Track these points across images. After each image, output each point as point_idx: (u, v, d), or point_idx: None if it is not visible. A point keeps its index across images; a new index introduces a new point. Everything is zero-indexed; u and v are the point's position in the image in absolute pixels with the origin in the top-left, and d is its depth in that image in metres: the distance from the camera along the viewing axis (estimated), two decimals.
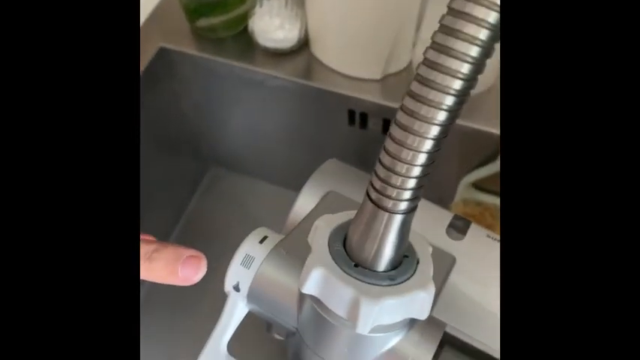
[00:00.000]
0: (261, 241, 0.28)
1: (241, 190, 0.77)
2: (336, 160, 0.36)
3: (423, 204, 0.33)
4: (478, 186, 0.58)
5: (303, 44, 0.58)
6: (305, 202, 0.33)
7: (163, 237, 0.73)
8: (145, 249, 0.27)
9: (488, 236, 0.31)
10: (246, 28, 0.58)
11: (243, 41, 0.59)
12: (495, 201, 0.58)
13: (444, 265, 0.29)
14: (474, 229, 0.31)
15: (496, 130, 0.53)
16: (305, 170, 0.35)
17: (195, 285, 0.28)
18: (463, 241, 0.30)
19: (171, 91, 0.65)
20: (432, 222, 0.31)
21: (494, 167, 0.55)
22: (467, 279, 0.29)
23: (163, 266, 0.27)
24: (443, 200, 0.60)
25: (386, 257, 0.23)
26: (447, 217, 0.32)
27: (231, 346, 0.28)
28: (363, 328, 0.23)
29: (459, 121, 0.54)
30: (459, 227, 0.31)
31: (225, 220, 0.74)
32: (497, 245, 0.31)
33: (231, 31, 0.59)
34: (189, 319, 0.63)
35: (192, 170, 0.78)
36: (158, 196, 0.67)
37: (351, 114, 0.58)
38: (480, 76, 0.19)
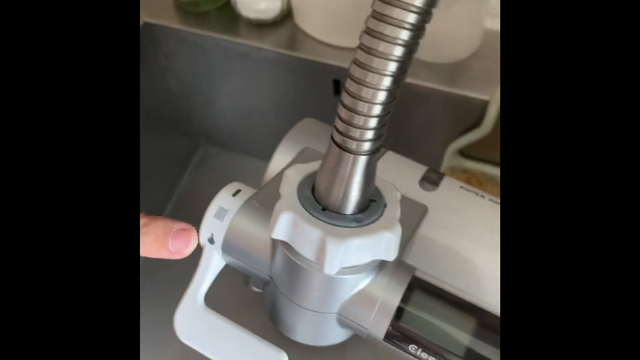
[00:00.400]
0: (235, 194, 0.29)
1: (231, 166, 0.77)
2: (312, 119, 0.36)
3: (397, 158, 0.33)
4: (464, 153, 0.58)
5: (287, 14, 0.58)
6: (281, 159, 0.33)
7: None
8: None
9: (461, 187, 0.31)
10: (228, 2, 0.58)
11: (226, 14, 0.59)
12: (482, 167, 0.58)
13: (416, 213, 0.29)
14: (448, 181, 0.31)
15: (480, 96, 0.54)
16: None
17: (188, 259, 0.27)
18: (436, 192, 0.31)
19: (157, 67, 0.65)
20: (405, 175, 0.31)
21: (480, 132, 0.55)
22: (440, 228, 0.30)
23: (153, 240, 0.26)
24: None
25: (352, 200, 0.24)
26: (420, 170, 0.32)
27: (209, 300, 0.29)
28: (330, 268, 0.23)
29: (443, 87, 0.54)
30: (432, 179, 0.31)
31: None
32: (471, 195, 0.31)
33: (214, 4, 0.59)
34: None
35: (182, 148, 0.78)
36: (148, 174, 0.68)
37: (337, 84, 0.58)
38: (463, 42, 0.19)
